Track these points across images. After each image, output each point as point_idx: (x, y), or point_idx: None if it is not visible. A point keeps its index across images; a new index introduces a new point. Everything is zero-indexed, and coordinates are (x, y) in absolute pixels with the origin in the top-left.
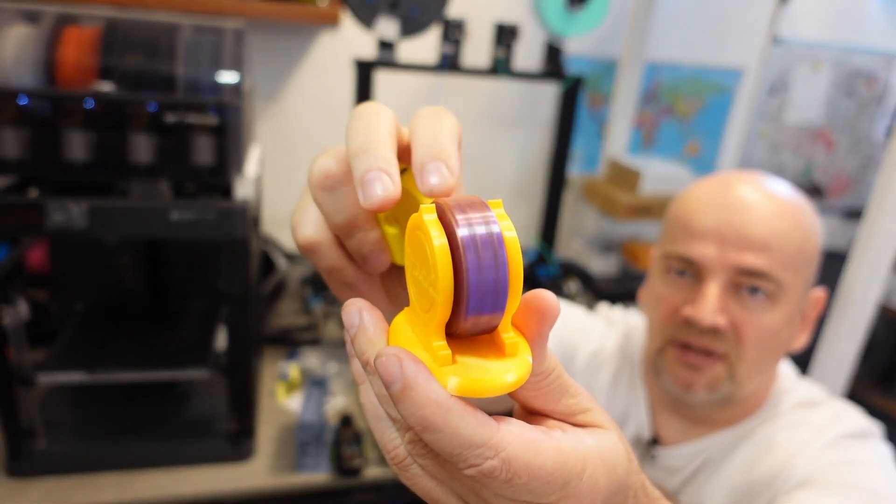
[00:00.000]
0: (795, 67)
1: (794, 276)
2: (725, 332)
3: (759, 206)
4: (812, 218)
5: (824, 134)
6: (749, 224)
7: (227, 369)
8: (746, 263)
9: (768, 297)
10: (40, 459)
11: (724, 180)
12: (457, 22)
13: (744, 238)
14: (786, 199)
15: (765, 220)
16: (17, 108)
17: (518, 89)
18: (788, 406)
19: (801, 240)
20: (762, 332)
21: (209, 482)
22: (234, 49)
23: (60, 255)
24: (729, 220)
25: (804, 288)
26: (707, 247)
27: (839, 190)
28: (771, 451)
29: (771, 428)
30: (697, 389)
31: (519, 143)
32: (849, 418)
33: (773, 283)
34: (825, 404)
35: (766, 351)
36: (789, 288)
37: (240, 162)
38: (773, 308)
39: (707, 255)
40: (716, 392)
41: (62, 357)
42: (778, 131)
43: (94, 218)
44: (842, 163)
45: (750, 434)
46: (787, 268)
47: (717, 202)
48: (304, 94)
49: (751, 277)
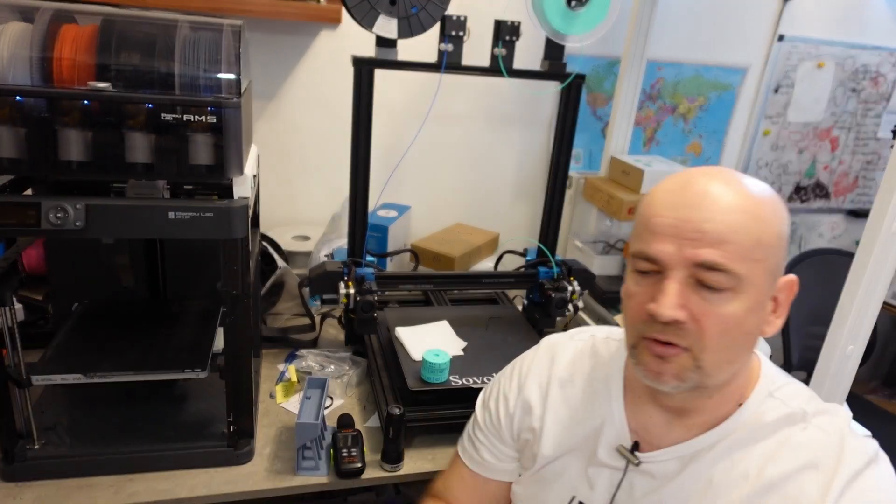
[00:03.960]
0: (799, 65)
1: (754, 266)
2: (687, 326)
3: (713, 202)
4: (772, 207)
5: (829, 132)
6: (703, 220)
7: (226, 371)
8: (702, 258)
9: (728, 290)
10: (35, 462)
11: (683, 178)
12: (457, 20)
13: (698, 234)
14: (742, 192)
15: (719, 216)
16: (12, 107)
17: (519, 88)
18: (775, 416)
19: (758, 231)
20: (723, 324)
21: (207, 485)
22: (233, 47)
23: (57, 256)
24: (685, 216)
25: (769, 276)
26: (665, 244)
27: (844, 189)
28: (772, 483)
29: (763, 447)
30: (667, 379)
31: (520, 142)
32: (851, 451)
33: (730, 275)
34: (819, 422)
35: (729, 340)
36: (749, 278)
37: (238, 161)
38: (733, 299)
39: (666, 252)
40: (684, 381)
41: (58, 358)
42: (781, 130)
43: (91, 217)
44: (847, 161)
45: (738, 442)
46: (744, 259)
47: (675, 200)
48: (303, 93)
49: (708, 272)
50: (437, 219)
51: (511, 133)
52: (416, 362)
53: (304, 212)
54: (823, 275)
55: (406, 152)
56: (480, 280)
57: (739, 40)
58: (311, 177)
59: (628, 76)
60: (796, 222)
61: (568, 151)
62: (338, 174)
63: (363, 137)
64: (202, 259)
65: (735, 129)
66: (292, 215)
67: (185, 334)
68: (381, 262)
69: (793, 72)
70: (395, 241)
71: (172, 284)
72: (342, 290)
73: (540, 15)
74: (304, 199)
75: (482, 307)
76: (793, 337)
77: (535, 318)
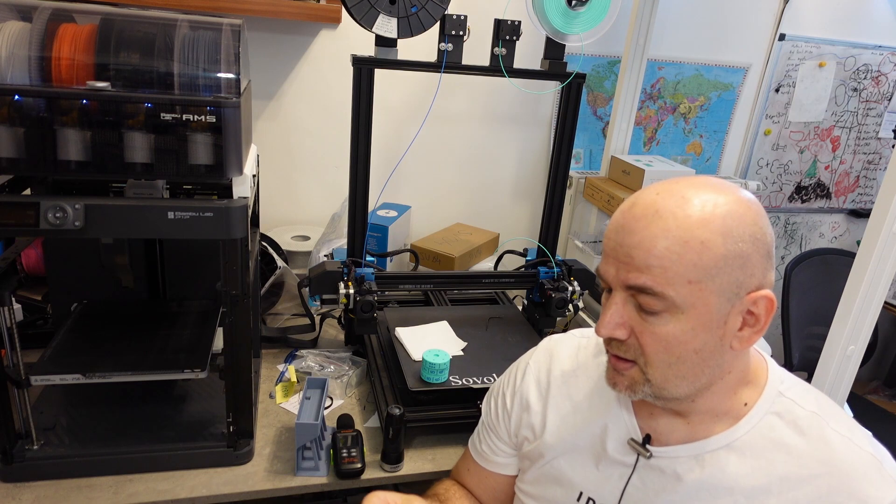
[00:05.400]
0: (800, 65)
1: (691, 288)
2: (629, 342)
3: (644, 227)
4: (719, 229)
5: (830, 132)
6: (632, 246)
7: (225, 371)
8: (631, 282)
9: (664, 311)
10: (34, 463)
11: (637, 197)
12: (457, 19)
13: (628, 259)
14: (680, 216)
15: (646, 241)
16: (10, 106)
17: (519, 88)
18: (792, 418)
19: (692, 256)
20: (661, 342)
21: (206, 485)
22: (232, 46)
23: (56, 256)
24: (621, 240)
25: (719, 295)
26: (608, 266)
27: (845, 189)
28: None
29: (785, 454)
30: (621, 388)
31: (520, 141)
32: (867, 478)
33: (660, 299)
34: (838, 427)
35: (673, 357)
36: (688, 300)
37: (238, 161)
38: (670, 320)
39: (609, 273)
40: (636, 392)
41: (57, 359)
42: (782, 130)
43: (90, 217)
44: (848, 161)
45: (757, 446)
46: (674, 284)
47: (620, 222)
48: (303, 93)
49: (640, 294)
50: (437, 219)
51: (511, 133)
52: (416, 362)
53: (304, 212)
54: (824, 275)
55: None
56: (480, 280)
57: (740, 39)
58: (311, 177)
59: (629, 76)
60: (797, 222)
61: (568, 151)
62: (338, 174)
63: (363, 137)
64: (202, 259)
65: (736, 128)
66: (292, 215)
67: (184, 334)
68: (381, 262)
69: (794, 71)
70: (395, 241)
71: (172, 285)
72: (342, 290)
73: (540, 14)
74: (303, 199)
75: (482, 307)
76: (793, 337)
77: (536, 318)
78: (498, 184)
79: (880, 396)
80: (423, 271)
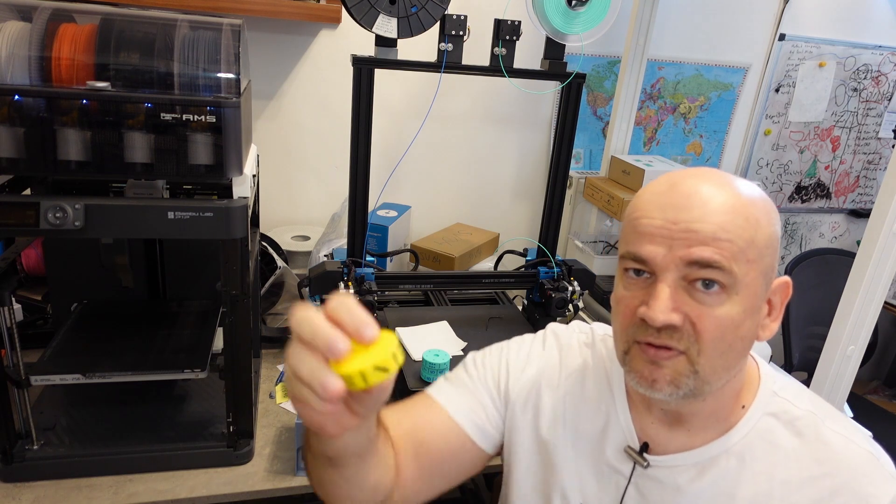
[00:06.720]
0: (800, 65)
1: (748, 267)
2: (682, 329)
3: (703, 203)
4: (764, 209)
5: (830, 132)
6: (693, 221)
7: (225, 371)
8: (695, 256)
9: (722, 290)
10: (34, 463)
11: (671, 179)
12: (457, 19)
13: (691, 234)
14: (733, 193)
15: (710, 216)
16: (10, 106)
17: (519, 88)
18: (788, 419)
19: (751, 232)
20: (720, 326)
21: (206, 485)
22: (232, 46)
23: (56, 256)
24: (674, 218)
25: (762, 278)
26: (656, 246)
27: (845, 189)
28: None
29: (783, 456)
30: (661, 385)
31: (520, 141)
32: (866, 476)
33: (725, 273)
34: (836, 427)
35: (725, 345)
36: (744, 279)
37: (238, 161)
38: (727, 300)
39: (657, 254)
40: (680, 388)
41: (57, 359)
42: (782, 130)
43: (90, 217)
44: (848, 161)
45: (754, 450)
46: (738, 259)
47: (663, 202)
48: (303, 93)
49: (702, 269)
50: (437, 219)
51: (511, 133)
52: (416, 362)
53: (304, 212)
54: (824, 275)
55: (406, 152)
56: (480, 280)
57: (740, 39)
58: (311, 177)
59: (629, 76)
60: (797, 222)
61: (568, 151)
62: (338, 174)
63: (363, 137)
64: (202, 259)
65: (736, 128)
66: (292, 215)
67: (184, 334)
68: (381, 262)
69: (794, 71)
70: (395, 241)
71: (172, 284)
72: (342, 290)
73: (540, 14)
74: (303, 199)
75: (482, 307)
76: (793, 337)
77: (536, 318)
78: (498, 184)
79: (880, 396)
80: (423, 271)
